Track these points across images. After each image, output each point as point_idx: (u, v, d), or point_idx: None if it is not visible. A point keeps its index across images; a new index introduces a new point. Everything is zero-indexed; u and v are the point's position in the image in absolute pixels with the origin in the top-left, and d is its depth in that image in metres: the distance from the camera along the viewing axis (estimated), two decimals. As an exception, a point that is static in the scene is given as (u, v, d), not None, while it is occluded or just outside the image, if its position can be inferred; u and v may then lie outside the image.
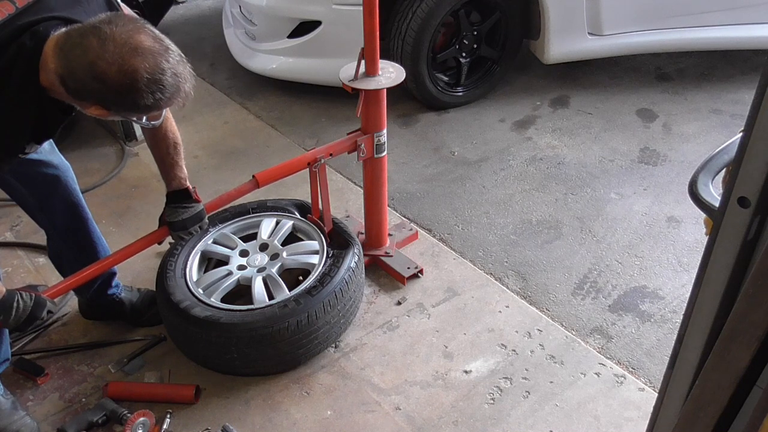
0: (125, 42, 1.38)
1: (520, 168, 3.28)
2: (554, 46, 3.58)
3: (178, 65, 1.46)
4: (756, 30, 3.69)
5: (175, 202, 2.05)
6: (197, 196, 2.07)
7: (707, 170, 1.03)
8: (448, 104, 3.73)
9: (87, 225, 2.18)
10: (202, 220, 2.09)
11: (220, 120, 3.70)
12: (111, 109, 1.47)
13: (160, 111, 1.54)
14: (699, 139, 3.46)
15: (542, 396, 2.15)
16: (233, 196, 2.21)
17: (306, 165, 2.27)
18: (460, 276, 2.62)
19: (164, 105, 1.48)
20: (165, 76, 1.42)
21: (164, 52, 1.43)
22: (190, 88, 1.50)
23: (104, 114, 1.50)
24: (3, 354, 2.05)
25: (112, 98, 1.43)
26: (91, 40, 1.38)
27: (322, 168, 2.28)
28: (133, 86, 1.40)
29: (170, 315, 2.18)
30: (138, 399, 2.14)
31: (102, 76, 1.38)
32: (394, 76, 2.26)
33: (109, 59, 1.37)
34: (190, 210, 2.05)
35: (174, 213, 2.04)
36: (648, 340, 2.36)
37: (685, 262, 2.69)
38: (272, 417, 2.11)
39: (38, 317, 1.83)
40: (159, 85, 1.42)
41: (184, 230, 2.06)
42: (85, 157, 3.32)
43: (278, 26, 3.57)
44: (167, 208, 2.06)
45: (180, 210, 2.04)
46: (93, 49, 1.37)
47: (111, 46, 1.37)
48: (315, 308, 2.13)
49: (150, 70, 1.40)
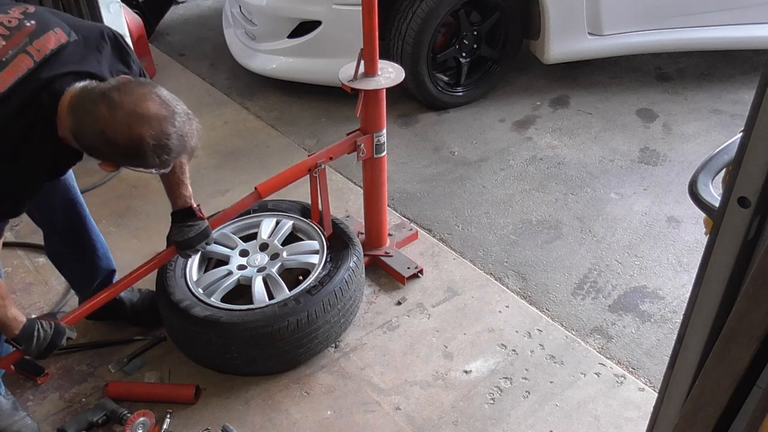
0: (132, 111, 1.47)
1: (520, 168, 3.28)
2: (554, 46, 3.58)
3: (184, 125, 1.55)
4: (756, 30, 3.69)
5: (180, 221, 2.08)
6: (202, 214, 2.11)
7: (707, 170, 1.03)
8: (448, 104, 3.73)
9: (86, 223, 2.18)
10: (208, 237, 2.13)
11: (220, 120, 3.70)
12: (121, 166, 1.60)
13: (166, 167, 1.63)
14: (699, 139, 3.46)
15: (542, 396, 2.15)
16: (237, 210, 2.25)
17: (306, 171, 2.27)
18: (460, 276, 2.62)
19: (172, 162, 1.59)
20: (170, 140, 1.52)
21: (170, 116, 1.52)
22: (197, 142, 1.61)
23: (115, 169, 1.62)
24: (3, 353, 2.05)
25: (122, 161, 1.57)
26: (101, 108, 1.47)
27: (322, 173, 2.29)
28: (140, 151, 1.50)
29: (170, 315, 2.18)
30: (138, 399, 2.14)
31: (111, 143, 1.49)
32: (393, 76, 2.26)
33: (117, 128, 1.47)
34: (196, 228, 2.09)
35: (180, 232, 2.08)
36: (648, 340, 2.36)
37: (685, 262, 2.69)
38: (272, 417, 2.11)
39: (58, 345, 1.91)
40: (165, 149, 1.52)
41: (191, 248, 2.10)
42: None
43: (278, 26, 3.57)
44: (173, 228, 2.11)
45: (186, 229, 2.08)
46: (103, 117, 1.47)
47: (119, 114, 1.47)
48: (315, 307, 2.13)
49: (156, 137, 1.49)
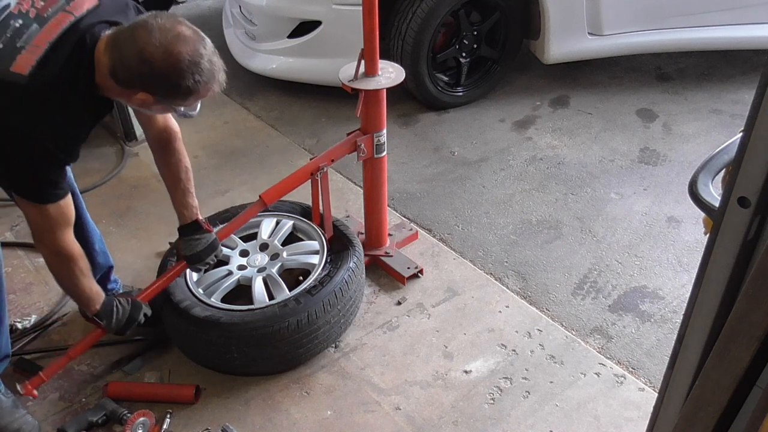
0: (169, 30, 1.55)
1: (520, 168, 3.28)
2: (554, 46, 3.58)
3: (213, 55, 1.63)
4: (756, 30, 3.69)
5: (188, 235, 2.11)
6: (208, 227, 2.13)
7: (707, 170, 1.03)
8: (448, 104, 3.73)
9: (83, 218, 2.20)
10: (216, 249, 2.16)
11: (220, 120, 3.70)
12: (156, 94, 1.62)
13: (198, 97, 1.67)
14: (699, 139, 3.46)
15: (542, 396, 2.15)
16: (242, 220, 2.27)
17: (309, 176, 2.28)
18: (460, 276, 2.62)
19: (202, 90, 1.62)
20: (203, 60, 1.59)
21: (201, 40, 1.61)
22: (224, 78, 1.67)
23: (149, 101, 1.63)
24: (3, 350, 2.05)
25: (158, 81, 1.58)
26: (140, 32, 1.55)
27: (324, 175, 2.29)
28: (177, 67, 1.55)
29: (170, 315, 2.18)
30: (138, 399, 2.14)
31: (150, 60, 1.54)
32: (393, 76, 2.26)
33: (156, 44, 1.53)
34: (203, 241, 2.12)
35: (188, 246, 2.11)
36: (648, 340, 2.36)
37: (685, 262, 2.69)
38: (272, 417, 2.11)
39: (136, 320, 2.02)
40: (198, 68, 1.58)
41: (200, 262, 2.14)
42: (85, 157, 3.27)
43: (278, 26, 3.57)
44: (181, 242, 2.13)
45: (193, 243, 2.11)
46: (141, 38, 1.54)
47: (157, 34, 1.54)
48: (315, 308, 2.13)
49: (191, 54, 1.56)
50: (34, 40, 1.56)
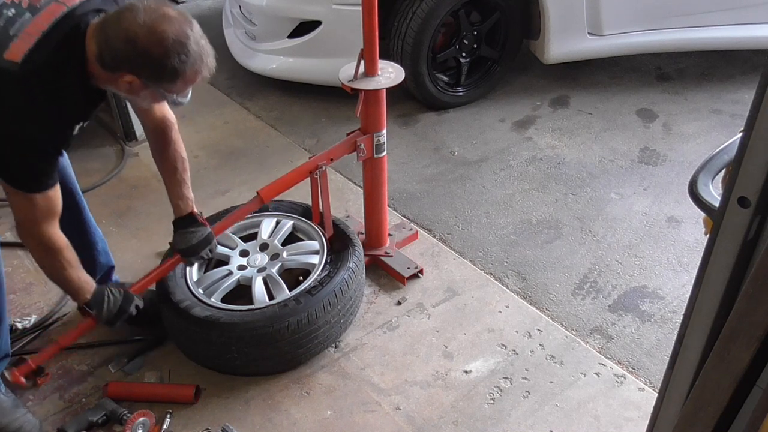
0: (154, 11, 1.55)
1: (520, 168, 3.28)
2: (554, 46, 3.58)
3: (201, 38, 1.62)
4: (756, 30, 3.69)
5: (182, 228, 2.10)
6: (203, 220, 2.13)
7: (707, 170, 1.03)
8: (448, 104, 3.73)
9: (85, 216, 2.20)
10: (210, 243, 2.15)
11: (220, 120, 3.70)
12: (142, 76, 1.59)
13: (186, 81, 1.64)
14: (699, 139, 3.46)
15: (542, 396, 2.15)
16: (239, 216, 2.26)
17: (307, 174, 2.28)
18: (460, 276, 2.62)
19: (189, 72, 1.60)
20: (189, 41, 1.57)
21: (188, 22, 1.59)
22: (212, 62, 1.65)
23: (136, 84, 1.61)
24: (3, 350, 2.05)
25: (142, 60, 1.56)
26: (126, 14, 1.56)
27: (323, 174, 2.29)
28: (161, 45, 1.54)
29: (170, 315, 2.18)
30: (138, 399, 2.14)
31: (134, 38, 1.53)
32: (393, 76, 2.26)
33: (140, 23, 1.53)
34: (198, 234, 2.11)
35: (183, 240, 2.10)
36: (648, 340, 2.36)
37: (685, 262, 2.69)
38: (272, 417, 2.11)
39: (127, 311, 2.00)
40: (184, 48, 1.56)
41: (195, 255, 2.13)
42: (85, 157, 3.32)
43: (278, 26, 3.56)
44: (176, 235, 2.13)
45: (188, 236, 2.10)
46: (126, 19, 1.55)
47: (142, 14, 1.54)
48: (315, 308, 2.13)
49: (176, 33, 1.55)
50: (27, 29, 1.56)
